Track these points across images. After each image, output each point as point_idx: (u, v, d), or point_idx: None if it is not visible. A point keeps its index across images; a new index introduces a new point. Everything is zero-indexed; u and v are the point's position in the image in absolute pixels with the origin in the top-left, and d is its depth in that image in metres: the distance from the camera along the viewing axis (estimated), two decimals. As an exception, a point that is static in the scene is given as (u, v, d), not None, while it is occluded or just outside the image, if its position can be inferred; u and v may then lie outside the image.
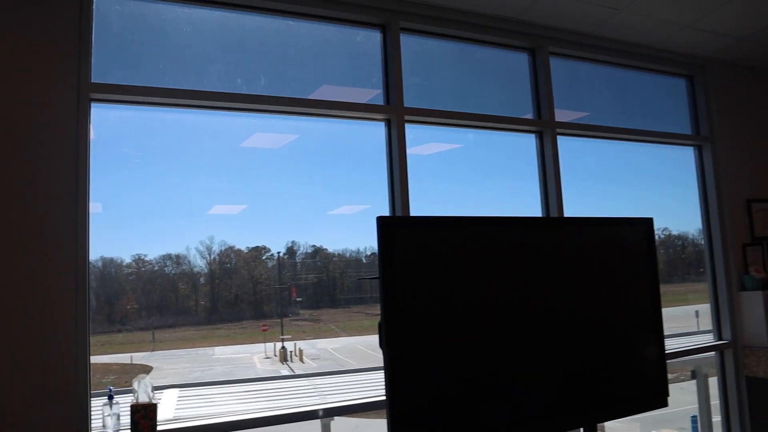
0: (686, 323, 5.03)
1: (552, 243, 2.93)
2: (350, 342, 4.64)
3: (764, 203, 4.98)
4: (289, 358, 4.43)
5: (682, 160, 5.00)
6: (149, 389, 2.74)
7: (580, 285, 2.96)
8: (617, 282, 3.11)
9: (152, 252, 3.62)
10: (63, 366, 2.63)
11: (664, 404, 3.17)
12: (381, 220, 2.45)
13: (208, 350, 4.38)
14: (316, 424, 4.29)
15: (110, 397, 2.72)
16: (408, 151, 3.59)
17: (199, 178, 3.69)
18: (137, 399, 2.73)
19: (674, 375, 6.13)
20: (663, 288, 5.33)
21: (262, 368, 4.59)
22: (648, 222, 3.24)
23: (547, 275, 2.87)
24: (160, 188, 3.55)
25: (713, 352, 4.72)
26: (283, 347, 4.39)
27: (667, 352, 4.24)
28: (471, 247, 2.68)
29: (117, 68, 3.06)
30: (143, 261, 3.67)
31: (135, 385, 2.74)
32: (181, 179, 3.65)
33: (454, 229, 2.65)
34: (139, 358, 3.44)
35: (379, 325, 2.39)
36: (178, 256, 3.88)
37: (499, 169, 4.35)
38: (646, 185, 5.01)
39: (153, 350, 3.56)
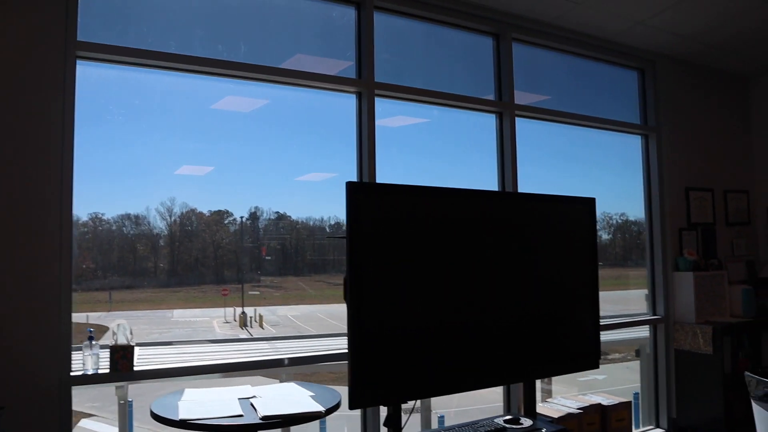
0: (637, 306, 5.36)
1: (503, 215, 3.22)
2: (311, 310, 4.72)
3: (701, 191, 5.38)
4: (248, 323, 4.52)
5: (633, 148, 5.34)
6: (128, 332, 2.94)
7: (526, 254, 3.27)
8: (560, 254, 3.43)
9: (110, 211, 3.57)
10: (48, 314, 2.79)
11: (596, 366, 3.52)
12: (350, 185, 2.69)
13: (167, 312, 4.42)
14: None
15: (90, 339, 2.91)
16: (377, 122, 3.80)
17: (169, 138, 3.73)
18: (116, 341, 2.93)
19: (621, 355, 6.44)
20: (617, 271, 5.71)
21: (222, 332, 4.67)
22: (590, 201, 3.56)
23: (497, 244, 3.16)
24: (128, 146, 3.56)
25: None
26: (243, 312, 4.47)
27: (606, 323, 4.65)
28: (430, 214, 2.95)
29: (102, 28, 3.17)
30: (100, 220, 3.61)
31: (114, 328, 2.93)
32: (151, 138, 3.68)
33: (415, 197, 2.90)
34: (95, 318, 3.43)
35: (345, 280, 2.64)
36: (137, 217, 3.81)
37: (460, 145, 4.61)
38: (599, 169, 5.36)
39: (110, 311, 3.55)
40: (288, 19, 3.84)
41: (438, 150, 4.46)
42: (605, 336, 6.01)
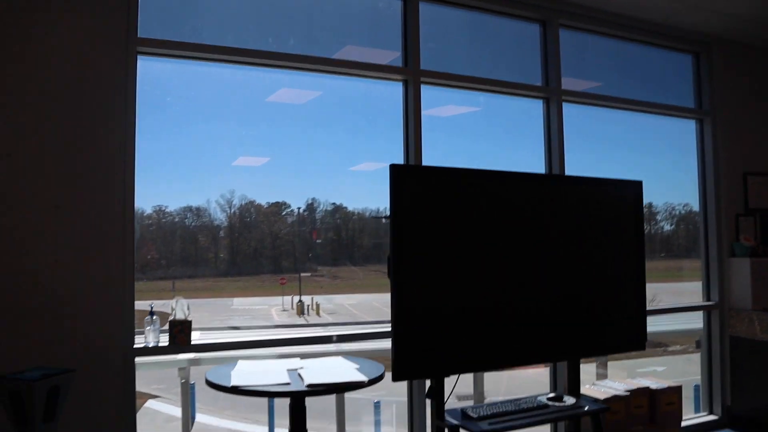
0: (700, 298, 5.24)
1: (549, 197, 3.27)
2: (367, 298, 4.83)
3: (760, 176, 5.23)
4: (306, 311, 4.68)
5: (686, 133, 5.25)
6: (185, 308, 3.14)
7: (571, 236, 3.30)
8: (606, 236, 3.44)
9: (173, 204, 3.72)
10: (114, 292, 3.01)
11: (642, 348, 3.53)
12: (393, 168, 2.81)
13: (227, 301, 4.61)
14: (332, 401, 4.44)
15: (152, 313, 3.12)
16: (427, 112, 3.89)
17: (226, 130, 3.91)
18: (175, 316, 3.13)
19: (682, 347, 6.30)
20: (680, 263, 5.57)
21: (280, 320, 4.84)
22: (637, 185, 3.55)
23: (542, 225, 3.21)
24: (187, 138, 3.73)
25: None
26: (300, 301, 4.63)
27: (655, 308, 4.62)
28: (473, 196, 3.02)
29: (160, 25, 3.36)
30: (164, 212, 3.78)
31: (173, 304, 3.14)
32: (209, 130, 3.86)
33: (457, 179, 2.99)
34: (159, 305, 3.53)
35: (388, 258, 2.75)
36: (198, 209, 3.99)
37: (508, 132, 4.65)
38: (649, 156, 5.29)
39: (173, 299, 3.71)
40: (336, 12, 3.97)
41: (486, 137, 4.50)
42: (663, 326, 5.93)
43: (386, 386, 2.86)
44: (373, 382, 2.58)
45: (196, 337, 3.22)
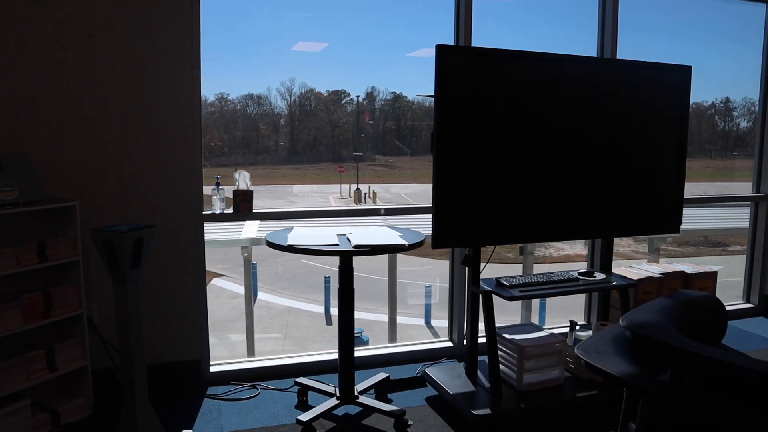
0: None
1: (591, 80, 3.32)
2: (423, 188, 4.96)
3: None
4: (362, 199, 4.90)
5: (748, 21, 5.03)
6: (247, 179, 3.44)
7: (615, 120, 3.38)
8: (650, 122, 3.50)
9: (234, 91, 3.80)
10: (185, 164, 3.33)
11: (677, 231, 3.66)
12: (439, 48, 2.92)
13: (287, 188, 4.85)
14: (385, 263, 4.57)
15: (217, 184, 3.44)
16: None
17: (284, 13, 3.97)
18: (238, 186, 3.44)
19: (743, 247, 6.33)
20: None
21: (337, 206, 5.09)
22: (686, 69, 3.54)
23: (587, 109, 3.30)
24: (245, 22, 3.81)
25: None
26: (357, 189, 4.83)
27: (700, 196, 4.69)
28: (516, 78, 3.12)
29: None
30: (226, 100, 3.87)
31: (236, 176, 3.44)
32: (267, 16, 3.92)
33: (501, 60, 3.08)
34: (210, 191, 3.81)
35: (432, 134, 2.93)
36: (259, 97, 4.10)
37: (563, 16, 4.58)
38: (706, 47, 5.13)
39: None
40: None
41: (540, 22, 4.45)
42: (725, 224, 5.95)
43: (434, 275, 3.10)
44: (412, 246, 2.85)
45: (255, 224, 3.51)
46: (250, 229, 6.25)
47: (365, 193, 4.89)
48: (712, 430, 1.26)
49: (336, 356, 3.13)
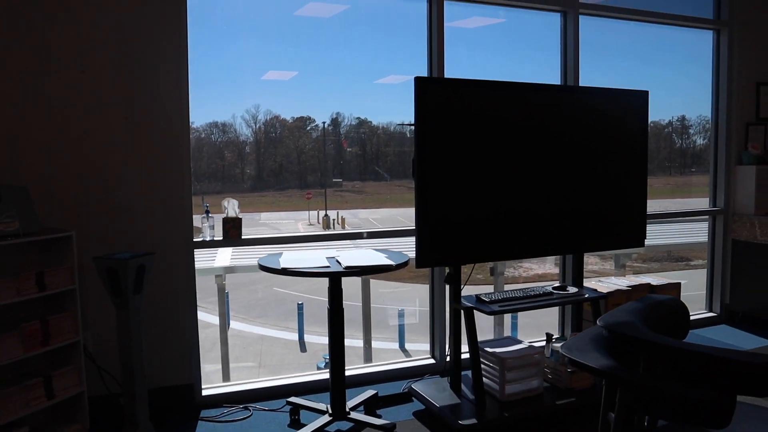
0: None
1: (560, 107, 3.57)
2: (391, 213, 5.07)
3: (773, 87, 5.41)
4: (331, 225, 4.99)
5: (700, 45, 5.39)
6: (236, 207, 3.58)
7: (583, 144, 3.63)
8: (613, 143, 3.77)
9: (199, 119, 3.81)
10: (176, 192, 3.47)
11: (642, 244, 3.91)
12: (417, 80, 3.14)
13: (255, 215, 4.89)
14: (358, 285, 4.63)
15: (207, 212, 3.58)
16: (452, 24, 4.11)
17: (255, 45, 4.06)
18: (227, 214, 3.58)
19: (704, 261, 6.62)
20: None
21: (304, 232, 5.17)
22: (644, 94, 3.83)
23: (554, 133, 3.54)
24: (216, 53, 3.89)
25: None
26: (326, 215, 4.92)
27: (662, 212, 4.97)
28: (489, 106, 3.35)
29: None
30: (191, 128, 3.77)
31: (225, 204, 3.58)
32: (238, 46, 4.02)
33: (475, 90, 3.31)
34: (196, 219, 3.83)
35: (413, 160, 3.13)
36: (224, 124, 4.15)
37: (529, 45, 4.85)
38: (666, 68, 5.48)
39: (199, 214, 3.97)
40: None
41: (507, 50, 4.71)
42: (687, 239, 6.21)
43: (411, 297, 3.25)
44: (399, 266, 3.03)
45: (228, 250, 3.61)
46: (223, 257, 6.29)
47: (333, 219, 4.99)
48: (681, 412, 1.45)
49: (322, 376, 3.27)
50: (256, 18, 4.04)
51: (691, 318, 5.17)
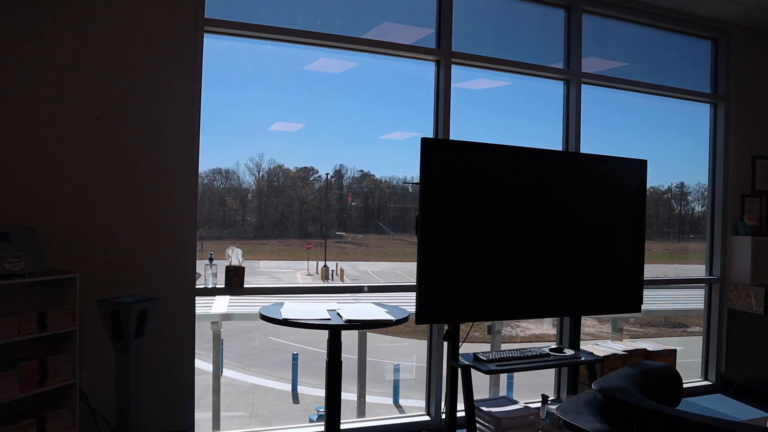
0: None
1: (561, 172, 3.68)
2: (390, 266, 5.06)
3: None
4: (330, 276, 5.02)
5: (698, 118, 5.56)
6: (240, 256, 3.63)
7: (582, 209, 3.72)
8: (613, 210, 3.85)
9: (202, 165, 3.80)
10: (180, 239, 3.53)
11: (638, 310, 3.96)
12: (424, 140, 3.24)
13: (254, 263, 4.90)
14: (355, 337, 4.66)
15: (210, 260, 3.63)
16: (460, 84, 4.26)
17: (265, 96, 4.16)
18: (230, 262, 3.63)
19: (701, 328, 6.63)
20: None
21: (304, 283, 5.17)
22: (642, 163, 3.94)
23: (554, 197, 3.63)
24: (225, 103, 3.99)
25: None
26: (325, 266, 4.96)
27: (659, 278, 5.02)
28: (492, 168, 3.45)
29: (224, 5, 3.75)
30: None
31: (229, 252, 3.63)
32: (249, 96, 4.13)
33: (479, 153, 3.41)
34: (199, 264, 3.83)
35: (416, 218, 3.21)
36: (227, 171, 4.20)
37: (533, 109, 5.01)
38: (668, 138, 5.64)
39: (200, 259, 3.96)
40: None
41: (513, 112, 4.86)
42: (684, 305, 6.25)
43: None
44: (399, 321, 3.06)
45: (226, 298, 3.65)
46: (221, 303, 6.29)
47: (332, 271, 5.01)
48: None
49: (314, 429, 3.26)
50: (267, 70, 4.17)
51: (686, 386, 5.20)
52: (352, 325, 2.95)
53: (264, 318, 3.05)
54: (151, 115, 3.47)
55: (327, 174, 4.49)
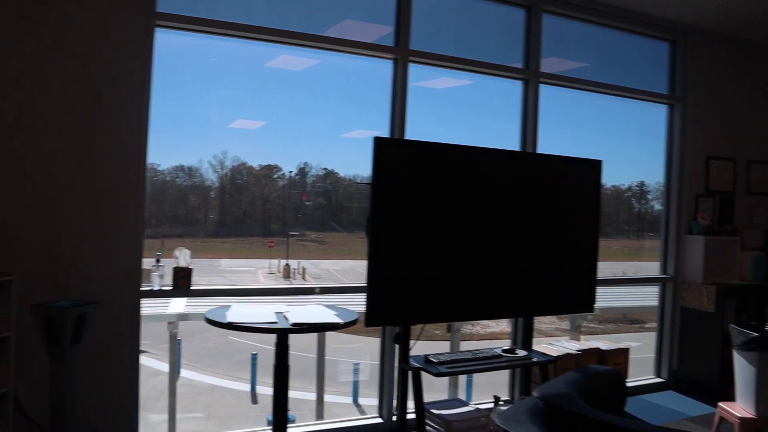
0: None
1: (514, 172, 3.65)
2: (352, 265, 4.96)
3: (722, 161, 5.63)
4: (292, 275, 4.96)
5: (656, 118, 5.62)
6: (188, 257, 3.53)
7: (536, 209, 3.71)
8: (566, 210, 3.85)
9: (165, 162, 3.83)
10: (126, 239, 3.40)
11: (591, 310, 3.98)
12: (377, 140, 3.18)
13: (215, 261, 4.81)
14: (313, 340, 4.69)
15: (158, 261, 3.52)
16: (420, 83, 4.21)
17: (226, 94, 4.10)
18: (179, 263, 3.52)
19: (655, 325, 6.72)
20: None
21: (266, 282, 5.07)
22: (597, 163, 3.95)
23: (509, 197, 3.61)
24: (186, 101, 3.92)
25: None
26: (287, 264, 4.89)
27: (613, 278, 5.06)
28: (445, 168, 3.41)
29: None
30: (155, 170, 3.85)
31: (177, 253, 3.53)
32: (209, 94, 4.06)
33: (433, 152, 3.37)
34: (147, 263, 3.71)
35: (367, 219, 3.15)
36: (190, 168, 4.10)
37: (491, 109, 5.00)
38: (622, 138, 5.70)
39: (161, 258, 3.92)
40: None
41: (473, 111, 4.84)
42: (641, 302, 6.33)
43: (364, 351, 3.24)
44: (347, 325, 3.00)
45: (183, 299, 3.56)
46: (178, 304, 6.17)
47: (294, 269, 4.95)
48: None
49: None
50: (227, 67, 4.08)
51: (639, 383, 5.27)
52: (298, 329, 2.88)
53: (209, 321, 2.96)
54: (97, 109, 3.33)
55: (290, 171, 4.45)
